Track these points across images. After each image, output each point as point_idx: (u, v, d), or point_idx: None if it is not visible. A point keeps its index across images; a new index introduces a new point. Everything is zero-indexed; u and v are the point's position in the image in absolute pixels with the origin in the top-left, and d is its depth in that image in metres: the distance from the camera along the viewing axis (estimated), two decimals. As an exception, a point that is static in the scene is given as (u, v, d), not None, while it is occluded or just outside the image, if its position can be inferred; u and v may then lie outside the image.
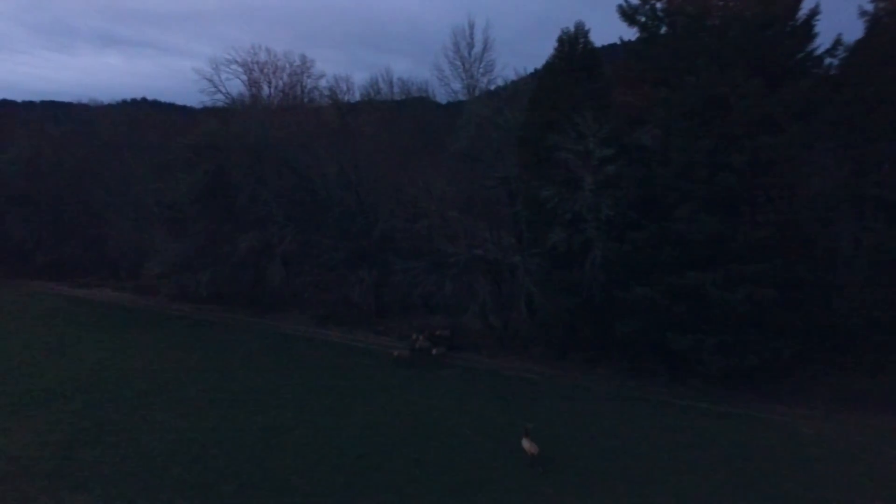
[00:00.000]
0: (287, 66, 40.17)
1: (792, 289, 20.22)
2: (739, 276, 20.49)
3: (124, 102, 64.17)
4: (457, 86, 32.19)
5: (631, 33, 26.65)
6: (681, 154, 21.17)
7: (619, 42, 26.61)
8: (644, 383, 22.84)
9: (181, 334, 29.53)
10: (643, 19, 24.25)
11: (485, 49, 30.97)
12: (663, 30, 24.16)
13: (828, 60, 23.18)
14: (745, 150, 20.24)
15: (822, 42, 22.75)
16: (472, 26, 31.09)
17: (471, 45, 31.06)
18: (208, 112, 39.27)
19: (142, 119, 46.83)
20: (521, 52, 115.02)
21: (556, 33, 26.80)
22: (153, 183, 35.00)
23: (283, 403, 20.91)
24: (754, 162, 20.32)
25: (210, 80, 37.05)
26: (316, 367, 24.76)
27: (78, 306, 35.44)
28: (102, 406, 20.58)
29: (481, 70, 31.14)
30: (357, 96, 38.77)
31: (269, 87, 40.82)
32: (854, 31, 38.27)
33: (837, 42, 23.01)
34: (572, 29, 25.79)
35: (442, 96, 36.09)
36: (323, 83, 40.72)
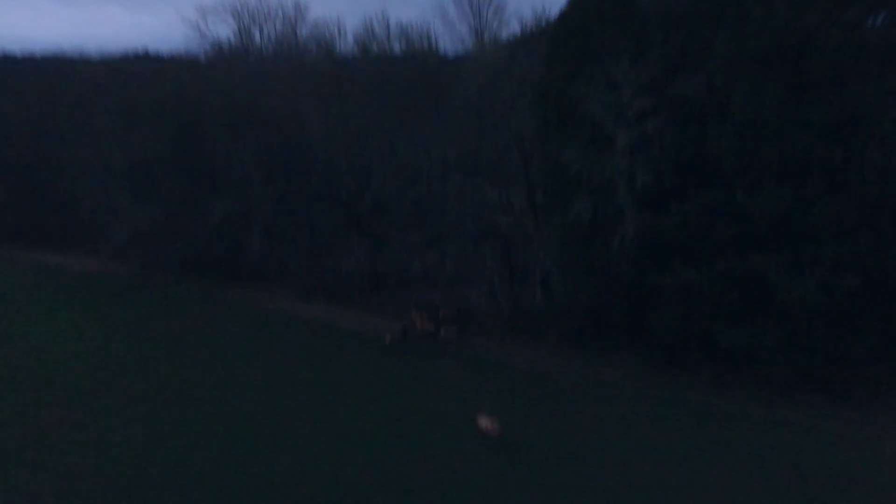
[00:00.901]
0: (280, 13, 35.69)
1: (877, 277, 16.33)
2: (812, 259, 16.64)
3: (125, 56, 58.89)
4: (463, 29, 27.63)
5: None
6: (743, 107, 17.03)
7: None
8: (680, 381, 19.26)
9: (147, 312, 25.99)
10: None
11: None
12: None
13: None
14: (829, 103, 16.03)
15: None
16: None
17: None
18: (180, 62, 34.86)
19: (120, 69, 42.19)
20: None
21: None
22: (119, 139, 30.94)
23: (250, 406, 17.44)
24: (839, 118, 16.13)
25: (197, 28, 32.57)
26: (296, 356, 21.25)
27: (43, 277, 31.94)
28: (34, 409, 17.17)
29: (491, 9, 26.57)
30: (350, 41, 34.28)
31: (261, 35, 36.53)
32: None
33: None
34: (604, -46, 21.16)
35: (447, 45, 31.60)
36: (311, 28, 36.17)
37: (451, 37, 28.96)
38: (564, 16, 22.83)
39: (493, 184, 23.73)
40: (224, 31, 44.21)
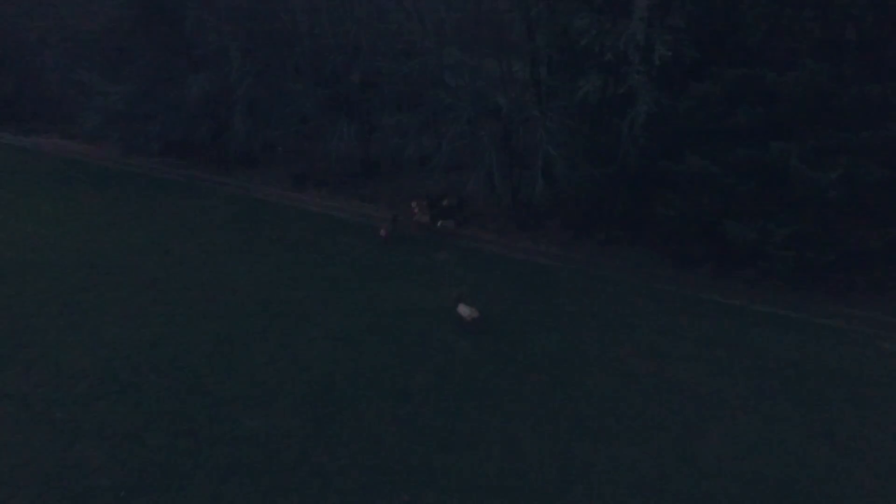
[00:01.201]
0: None
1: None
2: (836, 146, 15.21)
3: None
4: None
5: None
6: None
7: None
8: (682, 276, 18.73)
9: (132, 200, 24.90)
10: None
11: None
12: None
13: None
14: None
15: None
16: None
17: None
18: None
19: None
20: None
21: None
22: (80, 4, 27.74)
23: (242, 302, 17.09)
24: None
25: None
26: (286, 249, 20.54)
27: (16, 161, 30.38)
28: (21, 305, 16.83)
29: None
30: None
31: None
32: None
33: None
34: None
35: None
36: None
37: None
38: None
39: (493, 57, 21.40)
40: None
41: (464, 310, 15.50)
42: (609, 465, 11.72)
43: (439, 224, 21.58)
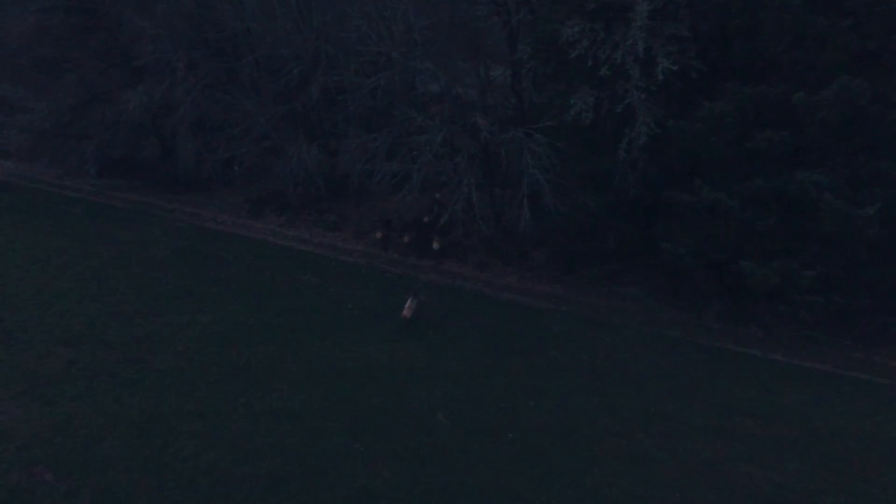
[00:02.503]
0: None
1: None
2: (871, 176, 13.04)
3: None
4: None
5: None
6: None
7: None
8: (687, 316, 16.46)
9: (63, 231, 21.69)
10: None
11: None
12: None
13: None
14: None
15: None
16: None
17: None
18: None
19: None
20: None
21: None
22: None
23: (175, 365, 14.26)
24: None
25: None
26: (237, 295, 17.58)
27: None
28: None
29: None
30: None
31: None
32: None
33: None
34: None
35: None
36: None
37: None
38: None
39: (470, 70, 18.93)
40: None
41: (409, 305, 14.95)
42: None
43: (435, 246, 18.99)
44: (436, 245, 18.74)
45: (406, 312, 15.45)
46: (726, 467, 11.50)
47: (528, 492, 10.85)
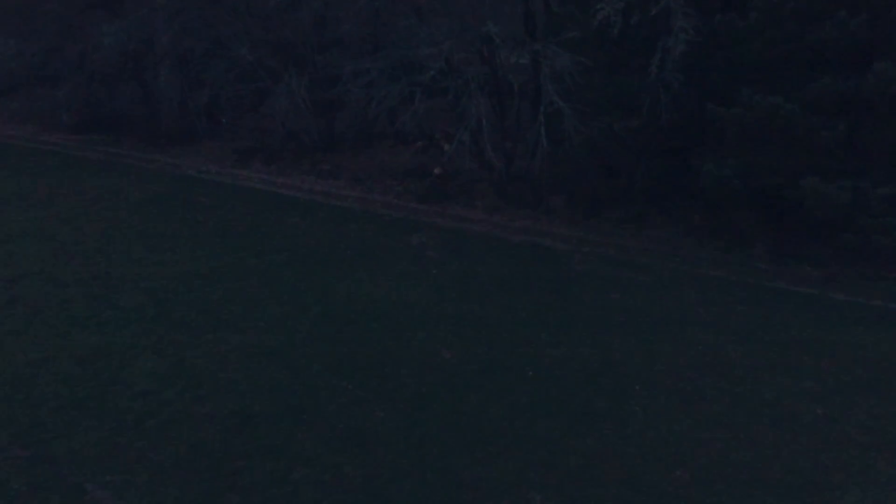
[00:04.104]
0: None
1: None
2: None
3: None
4: None
5: None
6: None
7: None
8: (729, 257, 14.28)
9: (23, 178, 19.71)
10: None
11: None
12: None
13: None
14: None
15: None
16: None
17: None
18: None
19: None
20: None
21: None
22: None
23: (135, 303, 12.18)
24: None
25: None
26: (214, 234, 15.68)
27: None
28: None
29: None
30: None
31: None
32: None
33: None
34: None
35: None
36: None
37: None
38: None
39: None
40: None
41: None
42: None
43: (436, 171, 16.95)
44: (437, 171, 16.57)
45: (437, 171, 14.88)
46: (792, 406, 9.33)
47: (556, 436, 8.67)
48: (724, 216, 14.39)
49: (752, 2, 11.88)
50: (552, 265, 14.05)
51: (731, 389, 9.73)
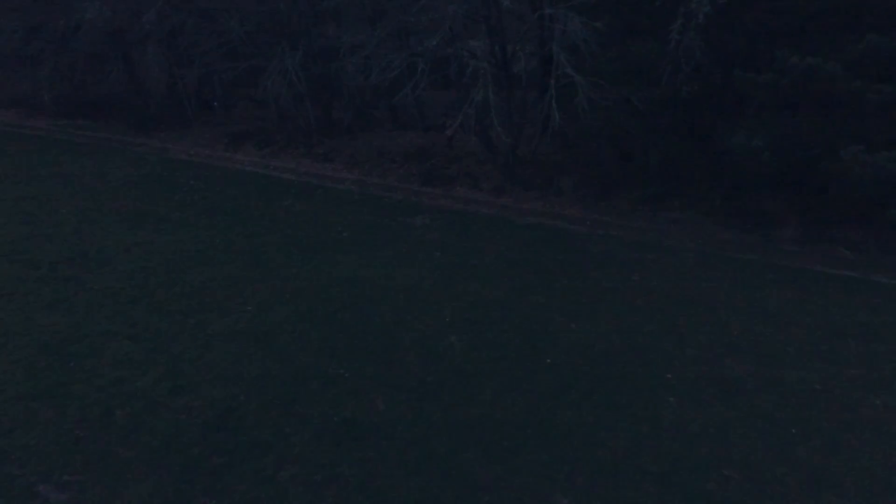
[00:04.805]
0: None
1: None
2: None
3: None
4: None
5: None
6: None
7: None
8: (757, 240, 13.21)
9: (2, 161, 18.74)
10: None
11: None
12: None
13: None
14: None
15: None
16: None
17: None
18: None
19: None
20: None
21: None
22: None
23: (110, 284, 11.14)
24: None
25: None
26: (202, 214, 14.63)
27: None
28: None
29: None
30: None
31: None
32: None
33: None
34: None
35: None
36: None
37: None
38: None
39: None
40: None
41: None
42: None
43: (448, 132, 15.81)
44: (448, 131, 15.37)
45: (449, 131, 14.46)
46: (845, 396, 8.27)
47: (581, 427, 7.61)
48: (748, 197, 13.32)
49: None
50: (565, 247, 12.98)
51: (774, 378, 8.68)
